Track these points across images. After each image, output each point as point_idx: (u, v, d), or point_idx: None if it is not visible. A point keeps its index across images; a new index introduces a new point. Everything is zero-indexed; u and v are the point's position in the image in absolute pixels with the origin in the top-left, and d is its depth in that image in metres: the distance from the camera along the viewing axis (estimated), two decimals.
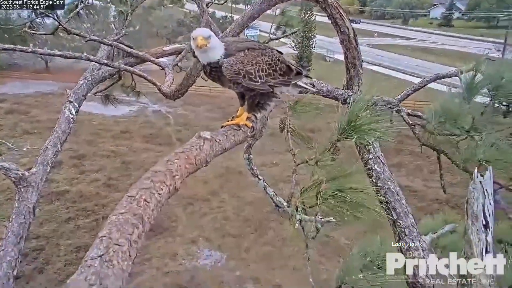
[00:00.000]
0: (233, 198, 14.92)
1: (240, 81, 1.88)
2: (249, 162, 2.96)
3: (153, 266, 10.96)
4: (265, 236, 12.66)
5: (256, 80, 1.92)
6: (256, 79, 1.92)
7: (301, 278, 10.18)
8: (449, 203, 13.51)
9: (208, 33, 1.83)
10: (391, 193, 2.80)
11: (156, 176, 1.48)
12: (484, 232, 2.47)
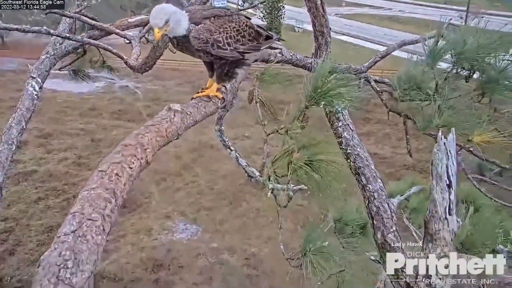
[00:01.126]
0: (206, 171, 14.94)
1: (209, 50, 1.86)
2: (220, 134, 2.97)
3: (128, 242, 10.95)
4: (239, 208, 12.81)
5: (225, 48, 1.90)
6: (225, 46, 1.89)
7: (275, 246, 10.42)
8: (415, 168, 13.99)
9: (164, 16, 1.74)
10: (360, 159, 2.88)
11: (126, 150, 1.47)
12: (447, 191, 2.59)
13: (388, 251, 2.93)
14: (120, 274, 9.67)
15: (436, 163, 2.58)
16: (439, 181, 2.60)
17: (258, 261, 10.49)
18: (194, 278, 9.81)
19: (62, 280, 1.01)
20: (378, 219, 2.91)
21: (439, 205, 2.64)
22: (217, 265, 10.31)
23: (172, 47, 2.02)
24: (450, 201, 2.60)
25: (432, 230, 2.67)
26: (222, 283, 9.66)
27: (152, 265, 10.12)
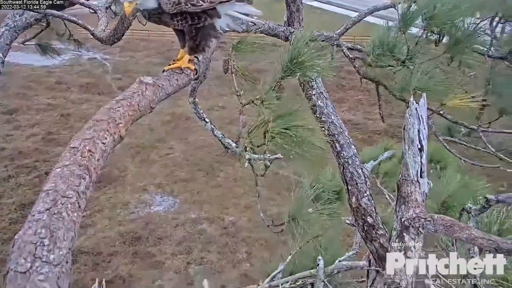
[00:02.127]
0: (181, 143, 14.84)
1: (185, 9, 1.79)
2: (194, 106, 2.93)
3: (106, 216, 10.90)
4: (216, 179, 12.87)
5: (200, 4, 1.83)
6: (199, 3, 1.83)
7: (253, 214, 10.62)
8: (388, 133, 14.31)
9: None
10: (334, 126, 2.91)
11: (98, 125, 1.43)
12: (419, 155, 2.67)
13: (362, 215, 3.03)
14: (98, 249, 9.67)
15: (408, 127, 2.64)
16: (411, 145, 2.67)
17: (236, 229, 10.66)
18: (173, 248, 9.91)
19: (39, 257, 1.00)
20: (352, 184, 2.99)
21: (411, 169, 2.72)
22: (195, 235, 10.43)
23: (142, 19, 1.95)
24: (422, 164, 2.68)
25: (405, 193, 2.76)
26: (202, 252, 9.81)
27: (130, 238, 10.14)
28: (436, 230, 2.51)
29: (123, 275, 8.93)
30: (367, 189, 3.02)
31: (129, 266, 9.22)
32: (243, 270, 9.24)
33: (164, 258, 9.58)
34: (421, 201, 2.72)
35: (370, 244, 3.10)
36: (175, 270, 9.20)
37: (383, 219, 3.35)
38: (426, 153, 2.70)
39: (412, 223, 2.66)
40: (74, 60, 22.36)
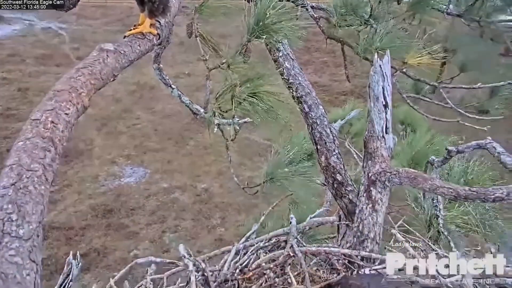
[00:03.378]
0: (148, 113, 14.56)
1: None
2: (159, 72, 2.87)
3: (75, 191, 10.71)
4: (186, 147, 12.79)
5: None
6: None
7: (225, 180, 10.69)
8: (354, 94, 14.50)
9: None
10: (302, 87, 2.93)
11: (59, 96, 1.39)
12: (384, 111, 2.74)
13: (332, 173, 3.12)
14: (70, 223, 9.55)
15: (373, 85, 2.70)
16: (376, 102, 2.73)
17: (209, 196, 10.74)
18: (147, 219, 9.91)
19: (8, 233, 0.99)
20: (321, 144, 3.05)
21: (376, 125, 2.79)
22: (168, 204, 10.44)
23: None
24: (387, 120, 2.76)
25: (371, 149, 2.85)
26: (176, 221, 9.86)
27: (102, 211, 10.05)
28: (401, 183, 2.62)
29: (97, 248, 8.90)
30: (336, 148, 3.09)
31: (103, 239, 9.19)
32: (217, 234, 9.40)
33: (138, 229, 9.58)
34: (386, 156, 2.82)
35: (340, 201, 3.21)
36: (150, 240, 9.24)
37: (352, 177, 3.46)
38: (390, 109, 2.78)
39: (379, 177, 2.76)
40: (27, 30, 21.08)
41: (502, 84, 3.80)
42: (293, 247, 2.95)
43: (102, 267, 8.39)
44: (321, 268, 3.02)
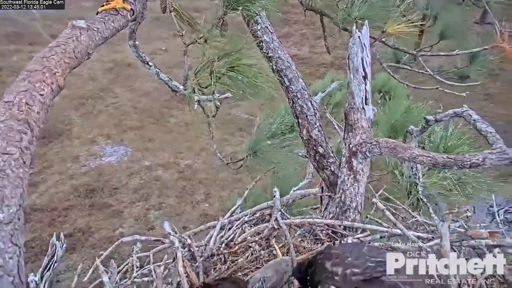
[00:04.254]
0: (127, 91, 14.30)
1: None
2: (136, 50, 2.80)
3: (56, 172, 10.55)
4: (167, 124, 12.67)
5: None
6: None
7: (209, 156, 10.69)
8: (333, 65, 14.51)
9: None
10: (282, 61, 2.91)
11: (33, 76, 1.35)
12: (363, 82, 2.75)
13: (314, 146, 3.15)
14: (52, 205, 9.45)
15: (352, 57, 2.69)
16: (355, 74, 2.74)
17: (192, 172, 10.74)
18: (131, 197, 9.88)
19: None
20: (302, 118, 3.06)
21: (356, 97, 2.81)
22: (152, 182, 10.41)
23: None
24: (366, 92, 2.78)
25: (352, 121, 2.88)
26: (159, 198, 9.87)
27: (84, 191, 9.96)
28: (381, 153, 2.67)
29: (81, 228, 8.87)
30: (317, 121, 3.11)
31: (87, 219, 9.15)
32: (202, 210, 9.46)
33: (122, 207, 9.56)
34: (367, 127, 2.85)
35: (322, 173, 3.26)
36: (135, 218, 9.24)
37: (333, 148, 3.50)
38: (370, 81, 2.79)
39: (359, 148, 2.80)
40: None
41: (479, 50, 3.86)
42: (278, 220, 2.99)
43: (88, 246, 8.39)
44: (305, 239, 3.09)
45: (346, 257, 2.01)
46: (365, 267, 1.93)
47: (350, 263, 1.97)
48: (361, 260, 1.97)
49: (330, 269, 1.99)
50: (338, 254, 2.05)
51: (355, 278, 1.89)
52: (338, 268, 1.96)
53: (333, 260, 2.02)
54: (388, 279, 1.85)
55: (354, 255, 2.01)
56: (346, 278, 1.91)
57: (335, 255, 2.05)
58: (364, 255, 2.02)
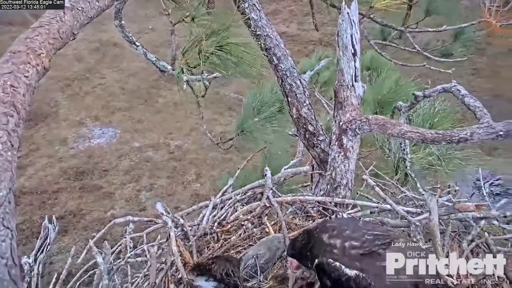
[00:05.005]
0: (114, 72, 14.09)
1: None
2: (122, 29, 2.75)
3: (44, 155, 10.46)
4: (156, 105, 12.56)
5: None
6: None
7: (198, 136, 10.66)
8: (322, 43, 14.42)
9: None
10: (270, 39, 2.88)
11: (16, 58, 1.32)
12: (353, 59, 2.75)
13: (303, 124, 3.15)
14: (42, 188, 9.40)
15: (341, 33, 2.68)
16: (345, 51, 2.72)
17: (183, 152, 10.72)
18: (121, 179, 9.86)
19: None
20: (292, 96, 3.05)
21: (346, 74, 2.81)
22: (142, 163, 10.38)
23: None
24: (356, 69, 2.77)
25: (341, 98, 2.88)
26: (150, 179, 9.86)
27: (74, 174, 9.90)
28: (371, 130, 2.68)
29: (73, 210, 8.86)
30: (306, 99, 3.10)
31: (77, 201, 9.13)
32: (193, 190, 9.49)
33: (113, 189, 9.54)
34: (356, 104, 2.86)
35: (312, 151, 3.27)
36: (126, 199, 9.25)
37: (323, 126, 3.51)
38: (359, 58, 2.78)
39: (349, 126, 2.82)
40: None
41: (466, 25, 3.86)
42: (269, 198, 3.02)
43: (80, 228, 8.40)
44: (297, 216, 3.13)
45: (343, 230, 2.02)
46: (363, 240, 1.94)
47: (348, 235, 1.99)
48: (358, 233, 1.99)
49: (327, 241, 1.99)
50: (334, 227, 2.06)
51: (354, 251, 1.90)
52: (336, 241, 1.97)
53: (330, 233, 2.02)
54: (386, 253, 1.88)
55: (351, 228, 2.03)
56: (345, 251, 1.92)
57: (332, 228, 2.06)
58: (360, 229, 2.04)
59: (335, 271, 1.88)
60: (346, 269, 1.86)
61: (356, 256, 1.89)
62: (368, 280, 1.81)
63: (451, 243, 2.55)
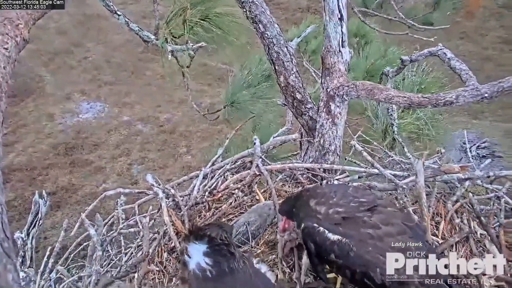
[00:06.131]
0: (99, 45, 13.78)
1: None
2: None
3: (31, 131, 10.34)
4: (143, 77, 12.39)
5: None
6: None
7: (188, 108, 10.59)
8: (310, 10, 14.22)
9: None
10: (255, 6, 2.82)
11: None
12: (340, 25, 2.72)
13: (291, 92, 3.14)
14: (31, 164, 9.35)
15: None
16: (331, 16, 2.70)
17: (172, 125, 10.68)
18: (112, 153, 9.83)
19: None
20: (279, 64, 3.03)
21: (333, 40, 2.79)
22: (132, 137, 10.34)
23: None
24: (343, 34, 2.76)
25: (329, 64, 2.87)
26: (141, 153, 9.85)
27: (64, 149, 9.84)
28: (358, 96, 2.69)
29: (64, 185, 8.86)
30: (294, 67, 3.08)
31: (68, 176, 9.12)
32: (185, 162, 9.51)
33: (104, 163, 9.53)
34: (344, 70, 2.86)
35: (300, 118, 3.28)
36: (118, 173, 9.26)
37: (311, 94, 3.51)
38: (346, 23, 2.76)
39: (337, 92, 2.82)
40: None
41: None
42: (259, 166, 3.04)
43: (73, 203, 8.43)
44: (286, 183, 3.16)
45: (331, 197, 2.05)
46: (347, 207, 1.98)
47: (334, 203, 2.02)
48: (345, 201, 2.02)
49: (313, 207, 2.03)
50: (323, 194, 2.09)
51: (337, 216, 1.95)
52: (322, 207, 2.00)
53: (317, 200, 2.05)
54: (370, 220, 1.91)
55: (339, 195, 2.06)
56: (328, 216, 1.97)
57: (321, 194, 2.09)
58: (348, 196, 2.06)
59: (319, 236, 1.91)
60: (330, 233, 1.89)
61: (339, 221, 1.93)
62: (350, 245, 1.84)
63: (437, 204, 2.62)
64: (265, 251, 2.51)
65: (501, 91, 2.15)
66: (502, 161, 8.60)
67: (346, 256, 1.84)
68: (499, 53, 12.24)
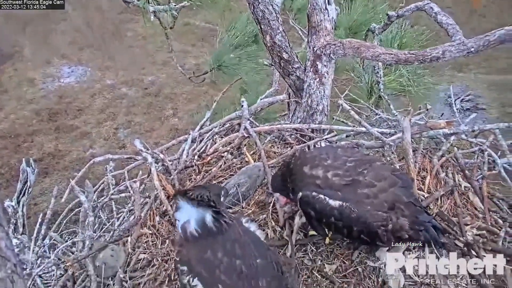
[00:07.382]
0: (77, 7, 13.19)
1: None
2: None
3: (12, 97, 10.09)
4: (125, 39, 12.02)
5: None
6: None
7: (172, 70, 10.39)
8: None
9: None
10: None
11: None
12: None
13: (278, 52, 3.09)
14: (14, 131, 9.18)
15: None
16: None
17: (157, 88, 10.51)
18: (97, 117, 9.69)
19: None
20: (264, 23, 2.96)
21: None
22: (117, 101, 10.17)
23: None
24: None
25: (315, 23, 2.82)
26: (127, 116, 9.73)
27: (47, 115, 9.66)
28: (345, 54, 2.67)
29: (51, 152, 8.76)
30: (280, 26, 3.02)
31: (54, 142, 9.00)
32: (172, 125, 9.44)
33: (90, 128, 9.41)
34: (330, 29, 2.82)
35: (288, 79, 3.25)
36: (104, 138, 9.17)
37: (298, 54, 3.47)
38: None
39: (324, 51, 2.79)
40: None
41: None
42: (247, 128, 3.05)
43: (61, 169, 8.38)
44: (275, 145, 3.19)
45: (324, 159, 2.06)
46: (345, 168, 1.99)
47: (329, 164, 2.02)
48: (339, 161, 2.04)
49: (309, 173, 2.03)
50: (314, 157, 2.09)
51: (337, 180, 1.96)
52: (318, 171, 2.01)
53: (311, 164, 2.05)
54: (365, 179, 1.95)
55: (331, 157, 2.07)
56: (328, 181, 1.97)
57: (312, 158, 2.09)
58: (340, 156, 2.08)
59: (320, 203, 1.95)
60: (330, 200, 1.93)
61: (339, 185, 1.95)
62: (351, 208, 1.89)
63: (423, 160, 2.67)
64: (256, 211, 2.56)
65: (487, 45, 2.15)
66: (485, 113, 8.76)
67: (347, 218, 1.90)
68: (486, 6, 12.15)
